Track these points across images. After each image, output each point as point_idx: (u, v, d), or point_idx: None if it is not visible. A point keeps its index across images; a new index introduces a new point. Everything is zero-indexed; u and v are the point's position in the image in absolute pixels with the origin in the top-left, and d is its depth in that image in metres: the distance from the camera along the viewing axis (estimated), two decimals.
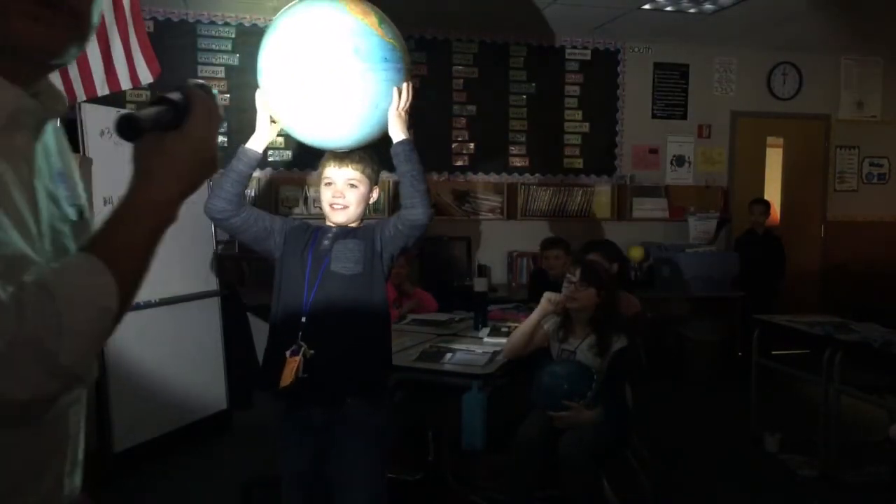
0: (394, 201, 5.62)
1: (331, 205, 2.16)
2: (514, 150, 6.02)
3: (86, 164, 3.54)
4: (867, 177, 6.84)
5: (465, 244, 5.69)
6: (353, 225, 2.20)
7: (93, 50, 3.95)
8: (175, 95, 0.84)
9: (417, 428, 3.97)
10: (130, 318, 3.84)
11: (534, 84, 6.01)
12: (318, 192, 2.33)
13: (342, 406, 2.10)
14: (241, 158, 2.15)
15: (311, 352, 2.05)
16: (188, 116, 0.84)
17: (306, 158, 5.44)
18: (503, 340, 3.18)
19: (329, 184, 2.17)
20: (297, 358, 2.05)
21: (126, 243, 0.80)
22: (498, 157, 5.98)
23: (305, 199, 5.42)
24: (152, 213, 0.82)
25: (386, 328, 2.23)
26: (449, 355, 3.01)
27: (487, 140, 5.93)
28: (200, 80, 0.91)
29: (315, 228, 2.22)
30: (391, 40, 1.98)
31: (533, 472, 2.88)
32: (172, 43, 5.19)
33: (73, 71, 3.86)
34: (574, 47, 6.08)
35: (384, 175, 2.45)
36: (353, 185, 2.15)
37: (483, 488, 3.53)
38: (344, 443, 2.11)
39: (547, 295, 2.98)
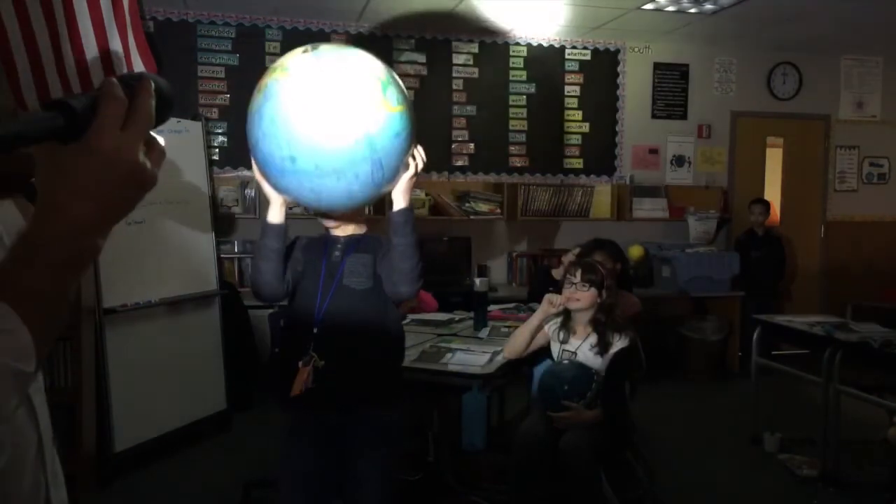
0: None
1: (325, 224, 2.16)
2: (514, 150, 6.02)
3: None
4: (867, 177, 6.84)
5: (465, 244, 5.69)
6: (358, 233, 2.19)
7: (91, 50, 3.96)
8: (78, 99, 0.65)
9: (417, 428, 3.97)
10: (131, 318, 3.86)
11: (534, 84, 6.01)
12: None
13: (354, 412, 2.11)
14: (267, 234, 2.06)
15: (322, 363, 2.05)
16: (92, 123, 0.65)
17: None
18: (503, 340, 3.18)
19: None
20: (308, 368, 2.05)
21: (36, 289, 0.64)
22: (498, 157, 5.98)
23: None
24: (67, 249, 0.65)
25: (399, 339, 2.25)
26: (449, 355, 3.00)
27: (487, 140, 5.93)
28: (142, 72, 0.73)
29: (324, 239, 2.21)
30: (398, 107, 1.68)
31: (533, 472, 2.88)
32: (172, 43, 5.19)
33: (72, 71, 3.86)
34: (574, 47, 6.08)
35: None
36: None
37: (483, 488, 3.53)
38: (356, 445, 2.12)
39: (548, 297, 2.98)
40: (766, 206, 6.07)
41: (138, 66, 4.22)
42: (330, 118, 1.61)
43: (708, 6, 5.08)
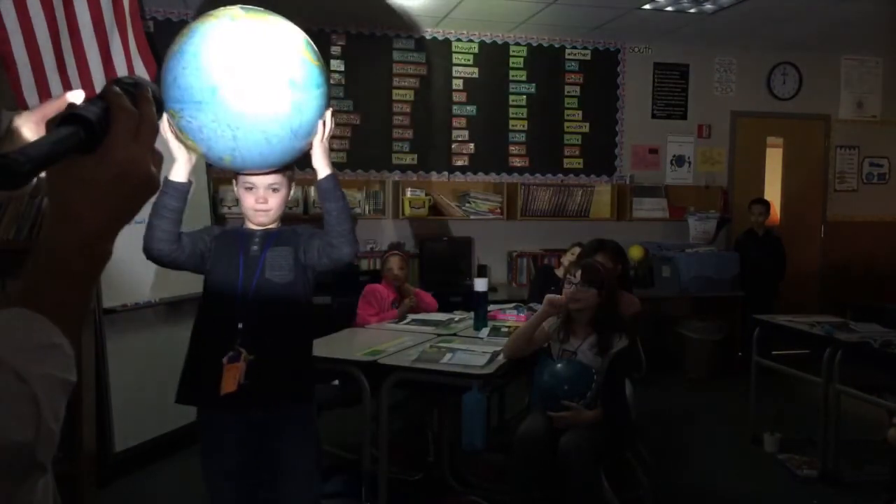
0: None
1: (255, 210, 2.15)
2: (514, 150, 6.02)
3: None
4: (867, 177, 6.84)
5: (465, 244, 5.69)
6: (274, 226, 2.21)
7: (92, 50, 3.96)
8: (90, 110, 0.67)
9: (417, 428, 3.97)
10: (131, 318, 3.86)
11: (534, 84, 6.01)
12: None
13: (279, 406, 2.13)
14: (169, 193, 2.01)
15: (251, 357, 2.05)
16: (106, 134, 0.67)
17: (305, 160, 5.44)
18: (503, 340, 3.18)
19: (250, 188, 2.14)
20: (239, 364, 2.04)
21: (64, 299, 0.68)
22: (498, 157, 5.98)
23: (306, 199, 5.41)
24: (84, 257, 0.68)
25: (312, 330, 2.29)
26: (449, 355, 3.00)
27: (487, 140, 5.93)
28: (134, 77, 0.74)
29: (239, 232, 2.21)
30: (319, 63, 1.75)
31: (533, 472, 2.88)
32: None
33: (73, 71, 3.86)
34: (574, 47, 6.08)
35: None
36: (275, 190, 2.14)
37: (483, 488, 3.53)
38: (282, 439, 2.14)
39: (548, 297, 2.98)
40: (766, 206, 6.07)
41: (138, 66, 4.22)
42: (256, 56, 1.63)
43: (708, 6, 5.08)
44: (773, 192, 6.67)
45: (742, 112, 6.46)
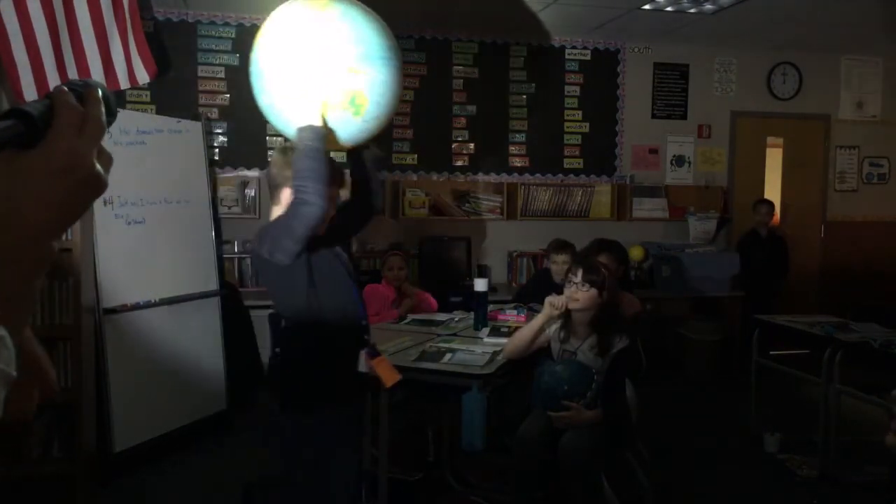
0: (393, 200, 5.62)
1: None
2: (514, 150, 6.02)
3: None
4: (867, 177, 6.84)
5: (465, 244, 5.69)
6: None
7: (92, 50, 3.96)
8: (32, 106, 0.67)
9: (417, 428, 3.97)
10: (131, 318, 3.86)
11: (534, 84, 6.01)
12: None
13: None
14: (311, 136, 2.13)
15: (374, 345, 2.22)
16: (48, 130, 0.67)
17: None
18: (503, 340, 3.18)
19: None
20: (383, 357, 2.16)
21: (8, 294, 0.67)
22: (498, 157, 5.98)
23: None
24: (28, 252, 0.67)
25: None
26: (449, 355, 3.00)
27: (487, 140, 5.93)
28: (85, 80, 0.74)
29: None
30: (390, 39, 2.17)
31: (533, 472, 2.88)
32: (172, 43, 5.19)
33: (73, 71, 3.86)
34: (574, 47, 6.08)
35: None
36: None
37: (483, 488, 3.54)
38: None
39: (549, 299, 2.97)
40: (771, 207, 6.10)
41: (138, 65, 4.23)
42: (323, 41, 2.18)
43: (708, 6, 5.08)
44: (773, 192, 6.67)
45: (742, 112, 6.46)
